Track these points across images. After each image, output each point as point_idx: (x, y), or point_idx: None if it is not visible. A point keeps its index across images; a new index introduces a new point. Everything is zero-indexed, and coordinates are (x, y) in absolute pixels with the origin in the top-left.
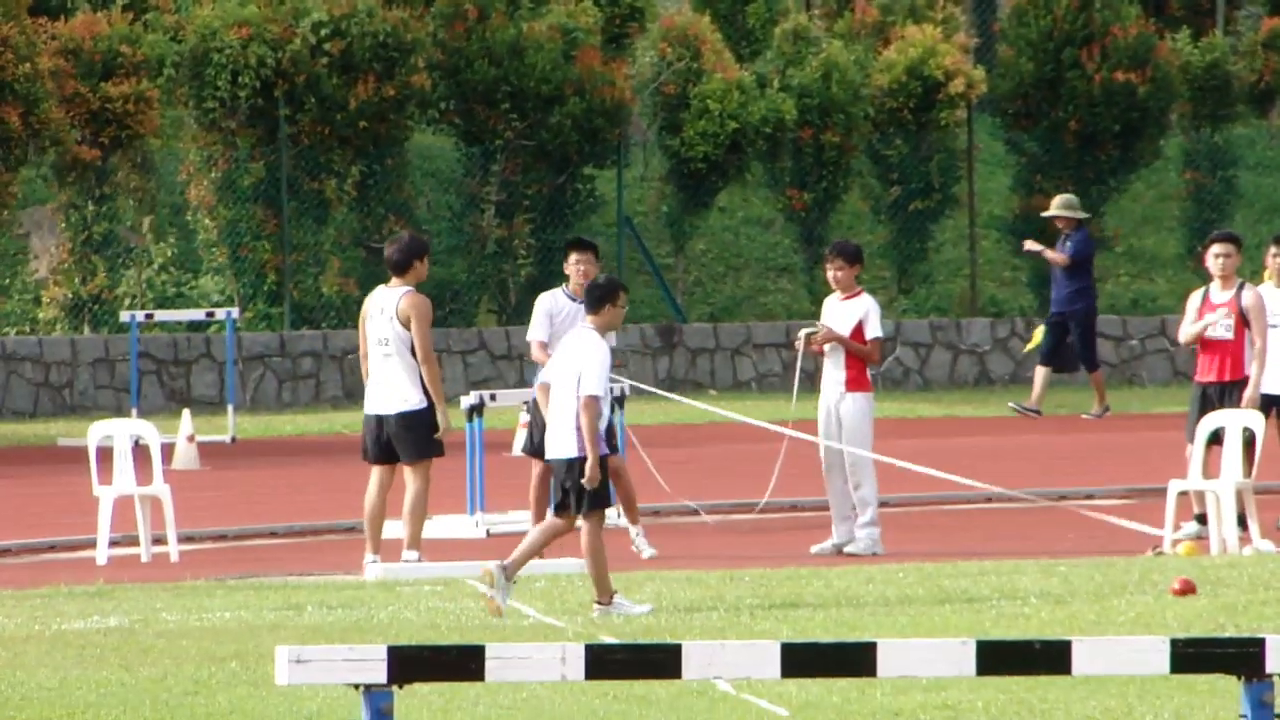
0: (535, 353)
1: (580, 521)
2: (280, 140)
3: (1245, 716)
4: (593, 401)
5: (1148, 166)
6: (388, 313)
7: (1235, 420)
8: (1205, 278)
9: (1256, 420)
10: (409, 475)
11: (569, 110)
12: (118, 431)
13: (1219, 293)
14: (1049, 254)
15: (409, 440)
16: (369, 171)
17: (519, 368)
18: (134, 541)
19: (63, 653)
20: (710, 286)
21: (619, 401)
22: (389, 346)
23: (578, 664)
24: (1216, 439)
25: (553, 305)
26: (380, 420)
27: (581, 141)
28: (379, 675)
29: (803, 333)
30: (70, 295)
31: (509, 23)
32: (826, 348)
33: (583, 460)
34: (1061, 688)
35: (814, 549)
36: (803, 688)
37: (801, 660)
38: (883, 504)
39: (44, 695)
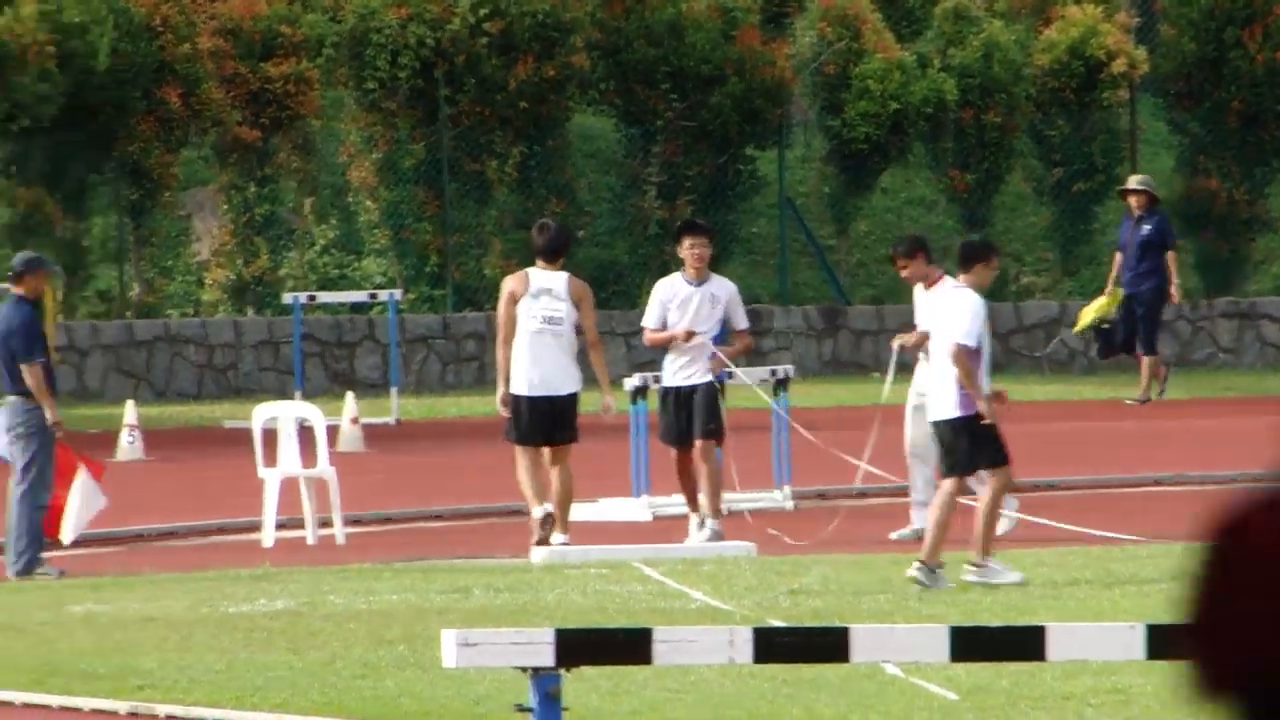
0: (648, 338)
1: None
2: (440, 121)
3: None
4: (962, 350)
5: None
6: (558, 293)
7: None
8: None
9: None
10: (560, 456)
11: (729, 90)
12: (282, 414)
13: None
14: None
15: (571, 420)
16: (530, 153)
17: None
18: (300, 524)
19: (230, 636)
20: (873, 268)
21: (782, 384)
22: (561, 326)
23: (745, 647)
24: None
25: (667, 292)
26: (551, 401)
27: (742, 122)
28: (546, 658)
29: (895, 344)
30: (233, 277)
31: (668, 2)
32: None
33: (964, 419)
34: None
35: (894, 535)
36: (971, 671)
37: (970, 644)
38: (1049, 487)
39: (211, 678)
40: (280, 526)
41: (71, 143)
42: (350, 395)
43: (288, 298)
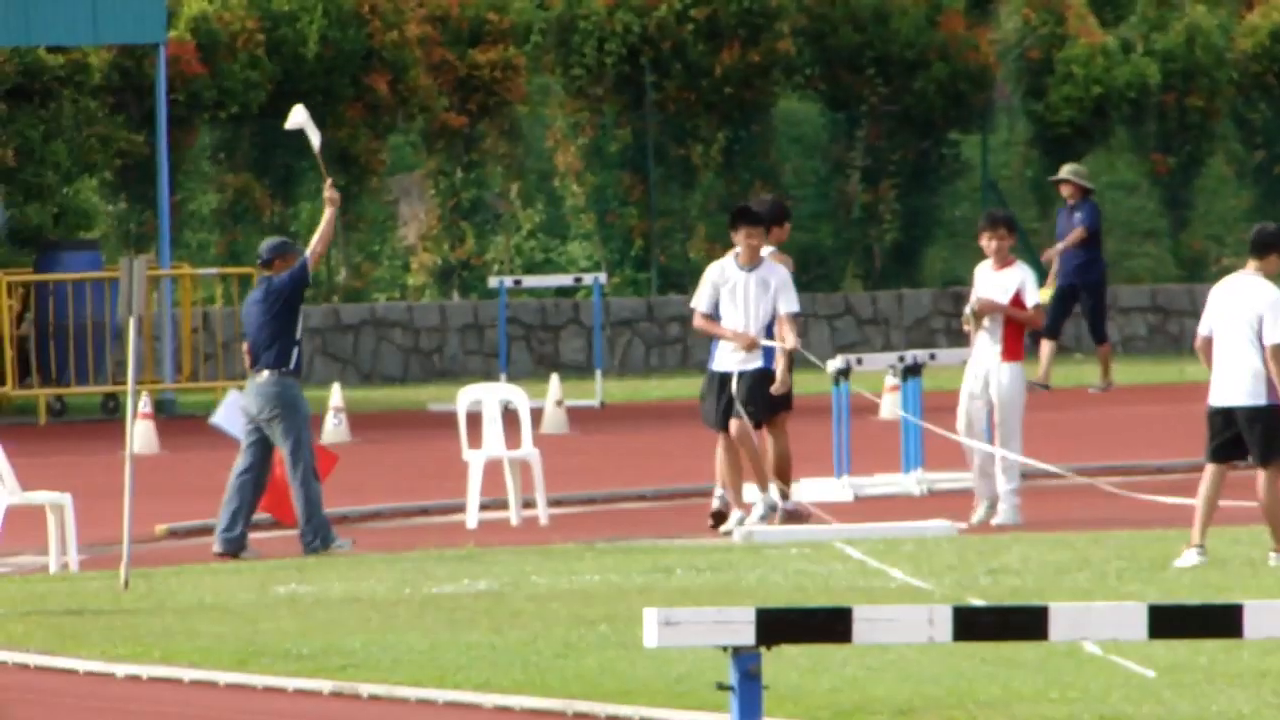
0: (697, 322)
1: (1261, 471)
2: (646, 106)
3: None
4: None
5: None
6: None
7: None
8: None
9: None
10: (775, 431)
11: (933, 75)
12: (487, 396)
13: None
14: (1067, 240)
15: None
16: (735, 137)
17: (885, 332)
18: (503, 505)
19: (433, 615)
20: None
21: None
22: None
23: (945, 626)
24: None
25: (719, 275)
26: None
27: (946, 106)
28: (747, 637)
29: (967, 309)
30: (439, 261)
31: None
32: (985, 320)
33: (1270, 408)
34: None
35: (974, 519)
36: (1170, 649)
37: (1168, 622)
38: (1248, 465)
39: (414, 658)
40: (484, 508)
41: (280, 129)
42: (555, 378)
43: (493, 281)
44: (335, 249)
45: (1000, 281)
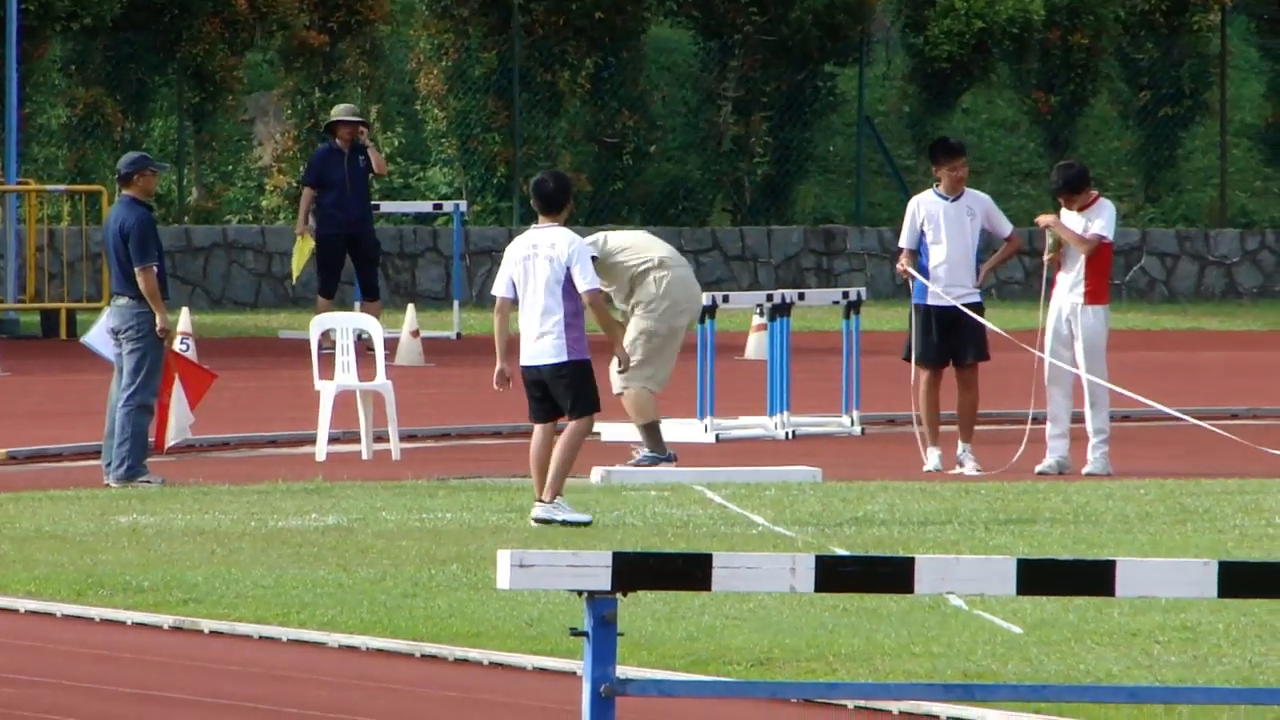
0: (903, 261)
1: (571, 422)
2: (513, 29)
3: None
4: (598, 294)
5: None
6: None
7: None
8: None
9: None
10: None
11: (810, 5)
12: (340, 325)
13: None
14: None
15: None
16: (604, 64)
17: (752, 269)
18: (355, 438)
19: (279, 550)
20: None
21: (854, 306)
22: None
23: (808, 575)
24: None
25: (915, 208)
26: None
27: (823, 37)
28: (603, 582)
29: (1050, 240)
30: (294, 184)
31: None
32: (1064, 258)
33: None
34: None
35: (1039, 468)
36: (1038, 605)
37: (1038, 577)
38: (1124, 418)
39: (259, 593)
40: (334, 440)
41: (133, 43)
42: (411, 308)
43: None
44: (187, 168)
45: (1077, 221)
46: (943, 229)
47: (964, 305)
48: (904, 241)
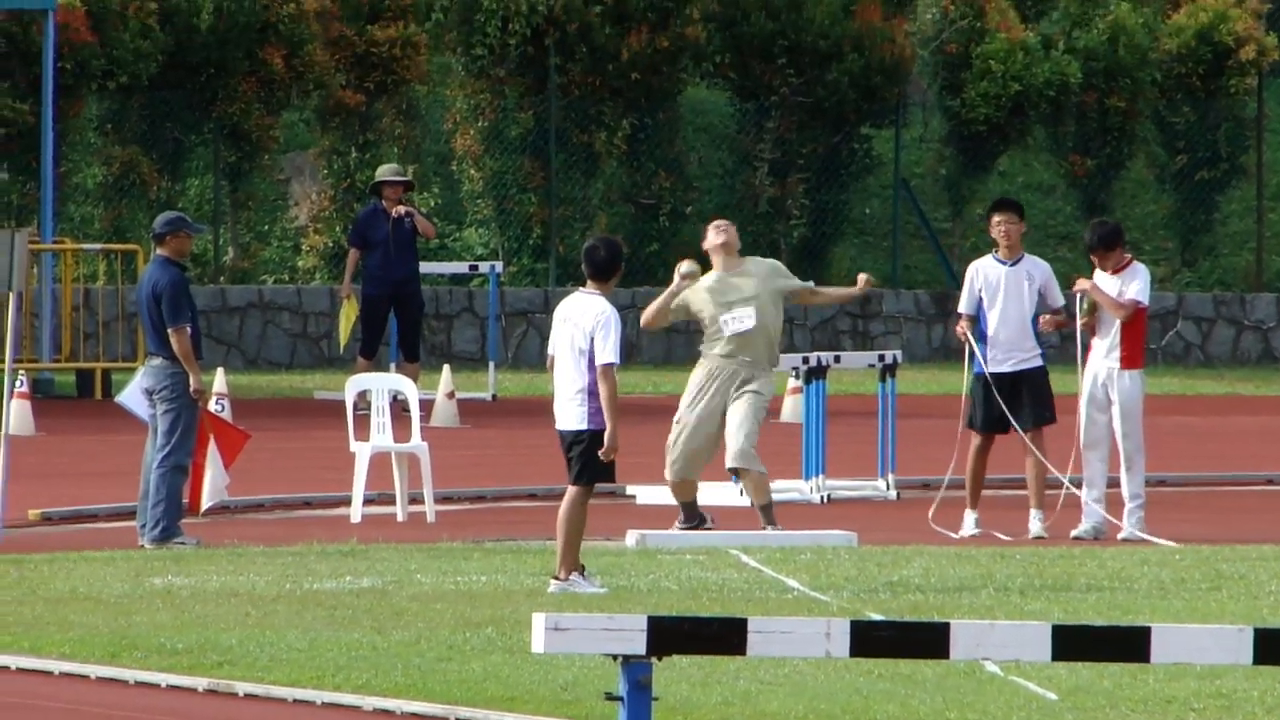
0: (962, 326)
1: (570, 487)
2: (550, 90)
3: None
4: (612, 370)
5: None
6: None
7: None
8: None
9: None
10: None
11: (847, 67)
12: (376, 386)
13: None
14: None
15: None
16: (640, 125)
17: (789, 331)
18: (390, 500)
19: (313, 613)
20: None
21: (890, 370)
22: None
23: (843, 640)
24: None
25: (973, 274)
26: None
27: (859, 100)
28: (638, 646)
29: (1084, 304)
30: (330, 244)
31: None
32: (1099, 323)
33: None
34: None
35: (1074, 533)
36: (1073, 671)
37: (1072, 643)
38: (1159, 483)
39: (293, 656)
40: (370, 502)
41: (169, 102)
42: (446, 369)
43: None
44: (224, 228)
45: (1113, 285)
46: (1000, 294)
47: (1024, 369)
48: (963, 307)
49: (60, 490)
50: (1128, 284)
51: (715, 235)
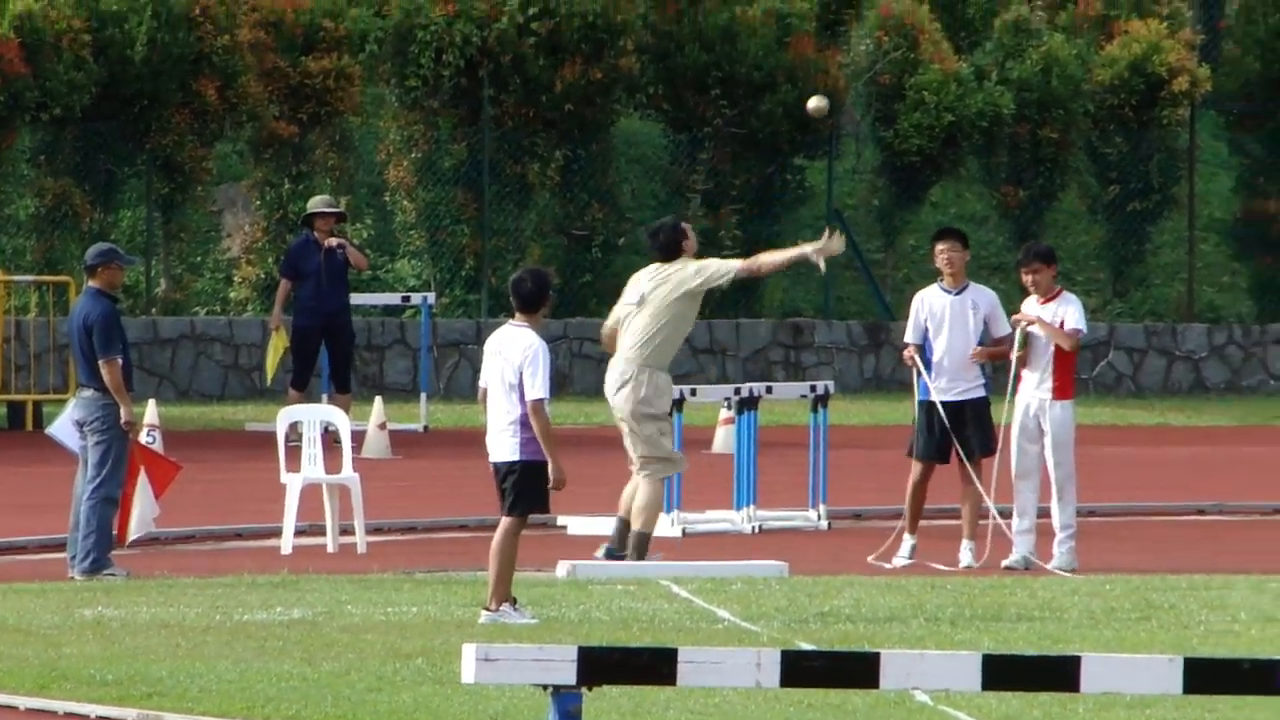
0: (908, 354)
1: (503, 519)
2: (483, 121)
3: None
4: (541, 405)
5: None
6: None
7: None
8: None
9: None
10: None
11: (781, 98)
12: (307, 417)
13: None
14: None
15: None
16: (573, 156)
17: (720, 362)
18: (321, 531)
19: (244, 644)
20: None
21: (822, 400)
22: None
23: (773, 670)
24: None
25: (919, 303)
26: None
27: (792, 131)
28: (568, 676)
29: (1018, 334)
30: (263, 275)
31: (722, 6)
32: (1030, 354)
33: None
34: (1270, 709)
35: (1005, 563)
36: (1003, 700)
37: (1003, 672)
38: (1090, 513)
39: (223, 687)
40: (301, 533)
41: (103, 134)
42: (378, 400)
43: None
44: (155, 259)
45: (1046, 314)
46: (945, 323)
47: (968, 399)
48: (909, 336)
49: None
50: (1063, 312)
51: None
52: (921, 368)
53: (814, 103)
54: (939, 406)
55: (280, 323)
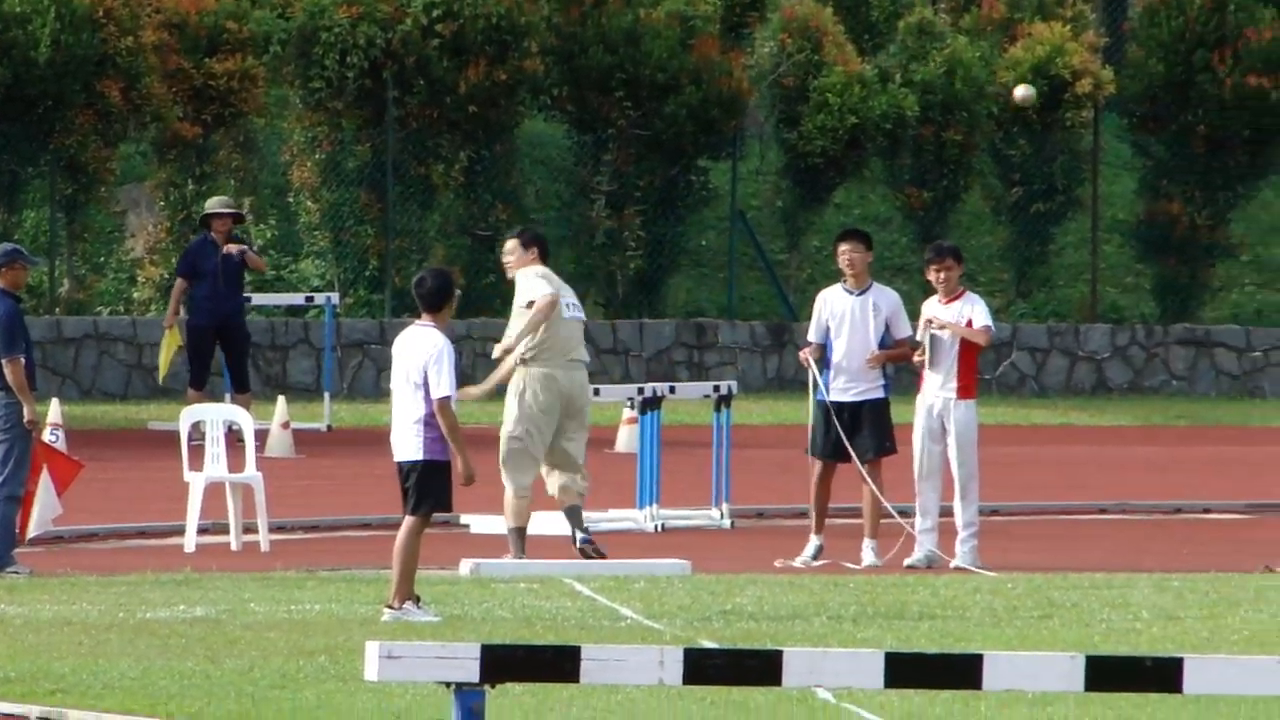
0: (806, 354)
1: (406, 517)
2: (387, 123)
3: None
4: (447, 403)
5: (1277, 174)
6: None
7: None
8: None
9: None
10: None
11: (684, 100)
12: (210, 416)
13: None
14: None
15: None
16: (477, 157)
17: (624, 362)
18: (224, 529)
19: (146, 641)
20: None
21: (725, 400)
22: None
23: (676, 668)
24: None
25: (821, 303)
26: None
27: (696, 132)
28: (471, 674)
29: (921, 336)
30: (166, 275)
31: (626, 8)
32: (930, 356)
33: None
34: (1171, 706)
35: (907, 562)
36: (905, 698)
37: (905, 670)
38: (993, 512)
39: (126, 685)
40: (204, 531)
41: (7, 134)
42: (281, 399)
43: None
44: (58, 259)
45: (953, 314)
46: (846, 324)
47: (866, 400)
48: (811, 335)
49: None
50: (970, 310)
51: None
52: (815, 369)
53: (1020, 91)
54: (834, 407)
55: (174, 321)
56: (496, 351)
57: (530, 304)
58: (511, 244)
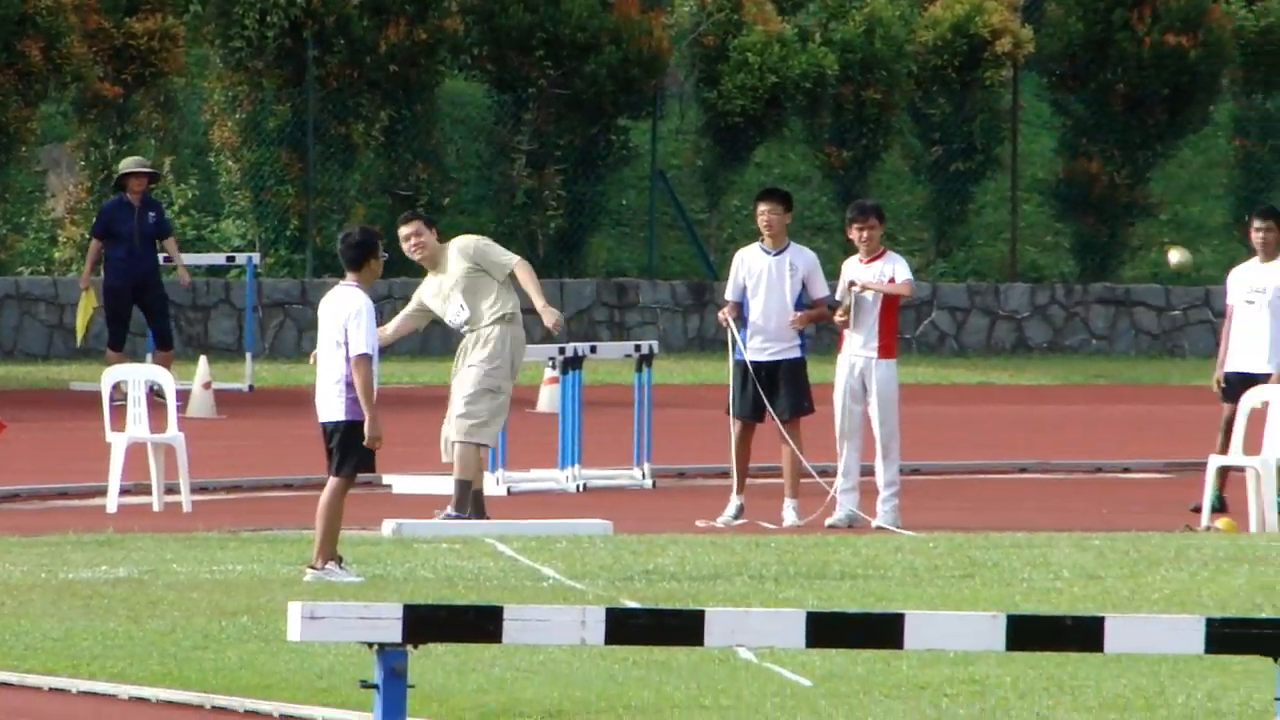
0: (724, 313)
1: (331, 478)
2: (307, 82)
3: None
4: (365, 360)
5: (1196, 133)
6: None
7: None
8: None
9: None
10: None
11: (604, 59)
12: (132, 377)
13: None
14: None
15: None
16: (398, 117)
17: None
18: (146, 490)
19: (69, 602)
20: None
21: (646, 360)
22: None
23: (598, 628)
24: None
25: (738, 262)
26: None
27: (616, 92)
28: (394, 634)
29: (843, 298)
30: (86, 236)
31: None
32: (854, 316)
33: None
34: (1092, 665)
35: (829, 522)
36: (827, 658)
37: (827, 630)
38: (913, 471)
39: (49, 645)
40: (126, 492)
41: None
42: (203, 359)
43: None
44: None
45: (875, 273)
46: (763, 283)
47: (783, 359)
48: (728, 295)
49: None
50: (892, 269)
51: (411, 252)
52: (734, 328)
53: (1175, 257)
54: (752, 366)
55: (90, 283)
56: (550, 320)
57: (511, 274)
58: (414, 226)
